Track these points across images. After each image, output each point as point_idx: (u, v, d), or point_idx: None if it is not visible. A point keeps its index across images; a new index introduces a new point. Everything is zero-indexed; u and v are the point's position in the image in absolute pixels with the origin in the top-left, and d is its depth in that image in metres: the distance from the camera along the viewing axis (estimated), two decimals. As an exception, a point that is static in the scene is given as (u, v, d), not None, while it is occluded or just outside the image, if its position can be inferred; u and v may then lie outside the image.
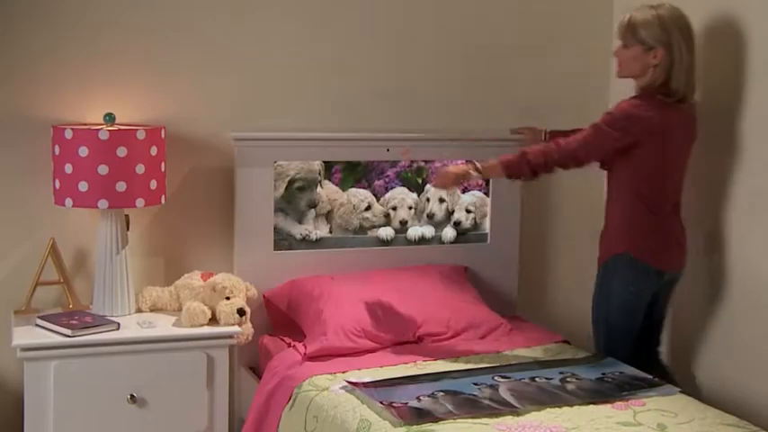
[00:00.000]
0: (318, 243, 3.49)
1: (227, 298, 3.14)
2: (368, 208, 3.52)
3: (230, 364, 3.16)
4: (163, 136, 3.15)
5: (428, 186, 3.61)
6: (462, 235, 3.67)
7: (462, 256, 3.67)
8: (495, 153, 3.61)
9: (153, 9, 3.26)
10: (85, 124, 3.16)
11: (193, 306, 3.09)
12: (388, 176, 3.54)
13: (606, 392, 2.77)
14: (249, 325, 3.17)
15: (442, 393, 2.70)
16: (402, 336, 3.20)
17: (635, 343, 3.20)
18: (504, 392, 2.72)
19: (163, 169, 3.15)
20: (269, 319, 3.41)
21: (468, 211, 3.66)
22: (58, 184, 3.03)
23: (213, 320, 3.13)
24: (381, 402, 2.62)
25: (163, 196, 3.16)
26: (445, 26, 3.63)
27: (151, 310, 3.24)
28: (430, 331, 3.23)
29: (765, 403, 3.10)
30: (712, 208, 3.35)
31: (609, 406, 2.68)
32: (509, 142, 3.57)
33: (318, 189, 3.46)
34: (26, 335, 2.94)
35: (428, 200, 3.61)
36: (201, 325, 3.09)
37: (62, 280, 3.18)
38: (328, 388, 2.81)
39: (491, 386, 2.77)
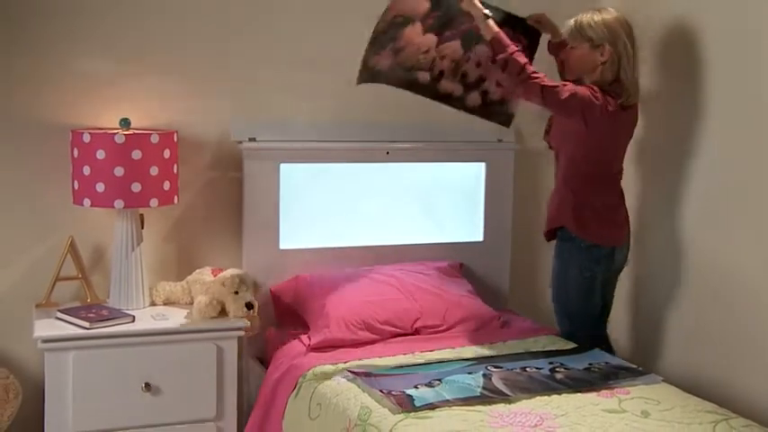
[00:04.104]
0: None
1: (236, 292, 3.14)
2: (426, 51, 3.21)
3: (239, 355, 3.16)
4: (175, 140, 3.16)
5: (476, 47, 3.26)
6: (486, 106, 3.32)
7: (458, 254, 3.68)
8: (483, 154, 3.63)
9: (164, 21, 3.27)
10: (102, 129, 3.17)
11: (204, 300, 3.10)
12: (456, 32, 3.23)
13: (593, 381, 2.77)
14: (257, 318, 3.17)
15: (438, 382, 2.70)
16: (400, 328, 3.20)
17: (596, 325, 3.29)
18: (496, 381, 2.72)
19: (175, 171, 3.16)
20: (275, 312, 3.41)
21: (499, 85, 3.32)
22: (76, 185, 3.04)
23: (223, 314, 3.13)
24: (381, 391, 2.62)
25: (175, 196, 3.17)
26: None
27: (164, 304, 3.25)
28: (427, 324, 3.24)
29: (739, 392, 3.10)
30: (677, 204, 3.37)
31: (595, 394, 2.68)
32: (495, 144, 3.57)
33: (408, 27, 3.14)
34: (47, 327, 2.95)
35: (468, 60, 3.26)
36: (212, 318, 3.10)
37: (80, 275, 3.19)
38: (331, 377, 2.82)
39: (484, 375, 2.77)
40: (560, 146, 3.24)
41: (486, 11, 3.09)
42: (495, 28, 3.07)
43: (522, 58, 3.04)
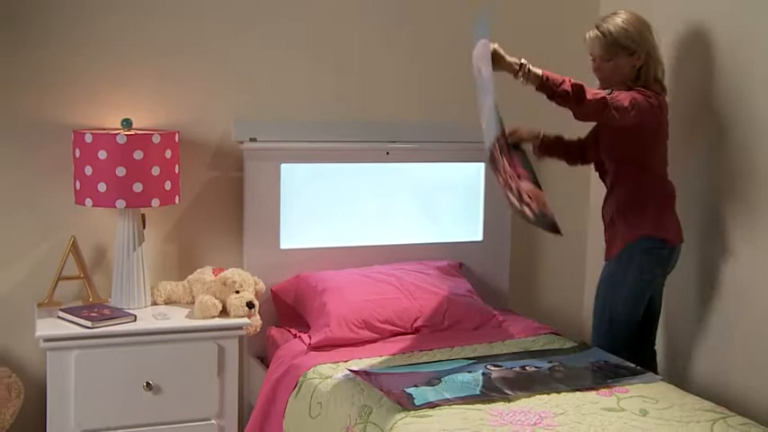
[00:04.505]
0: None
1: (237, 292, 3.15)
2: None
3: (240, 354, 3.17)
4: (176, 140, 3.16)
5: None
6: (535, 217, 2.90)
7: (457, 254, 3.68)
8: (482, 154, 3.60)
9: (166, 22, 3.27)
10: (104, 129, 3.17)
11: (205, 299, 3.10)
12: None
13: (592, 380, 2.78)
14: (257, 317, 3.18)
15: (438, 381, 2.70)
16: (401, 327, 3.21)
17: (635, 335, 3.17)
18: (496, 380, 2.73)
19: (177, 171, 3.16)
20: (276, 311, 3.41)
21: (529, 200, 3.02)
22: (78, 185, 3.04)
23: (224, 313, 3.13)
24: (381, 389, 2.62)
25: (177, 196, 3.17)
26: (446, 33, 3.63)
27: (166, 304, 3.25)
28: (427, 323, 3.24)
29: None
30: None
31: (594, 393, 2.68)
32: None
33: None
34: (49, 326, 2.95)
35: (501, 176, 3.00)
36: (213, 317, 3.10)
37: (82, 275, 3.19)
38: (331, 376, 2.82)
39: (484, 374, 2.77)
40: (619, 158, 3.14)
41: (520, 60, 2.83)
42: (539, 70, 2.85)
43: (578, 81, 2.86)
